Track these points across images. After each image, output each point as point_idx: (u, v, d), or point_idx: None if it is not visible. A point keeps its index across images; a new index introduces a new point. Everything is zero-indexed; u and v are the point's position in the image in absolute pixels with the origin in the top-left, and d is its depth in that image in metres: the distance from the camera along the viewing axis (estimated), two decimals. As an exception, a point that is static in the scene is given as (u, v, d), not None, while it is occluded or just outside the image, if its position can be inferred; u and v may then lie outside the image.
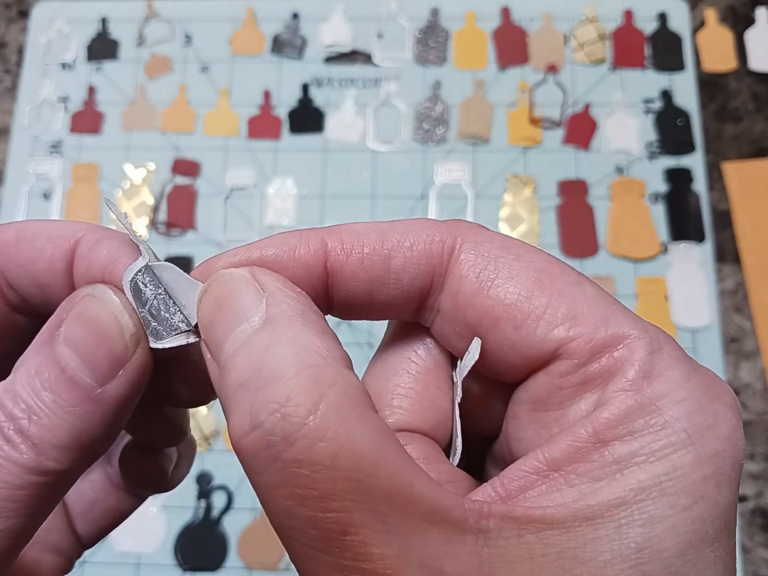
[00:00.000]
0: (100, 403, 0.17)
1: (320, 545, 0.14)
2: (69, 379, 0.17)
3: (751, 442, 0.54)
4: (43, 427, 0.17)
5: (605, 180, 0.59)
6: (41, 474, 0.17)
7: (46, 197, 0.61)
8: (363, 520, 0.14)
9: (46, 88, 0.63)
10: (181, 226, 0.59)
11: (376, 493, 0.14)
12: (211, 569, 0.52)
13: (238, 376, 0.15)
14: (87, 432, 0.17)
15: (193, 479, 0.53)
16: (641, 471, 0.15)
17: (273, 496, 0.15)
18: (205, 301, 0.17)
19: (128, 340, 0.18)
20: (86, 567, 0.52)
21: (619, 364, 0.17)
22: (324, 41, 0.64)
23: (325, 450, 0.14)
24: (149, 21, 0.65)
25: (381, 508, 0.14)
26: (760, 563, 0.51)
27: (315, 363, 0.15)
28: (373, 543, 0.14)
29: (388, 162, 0.60)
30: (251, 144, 0.61)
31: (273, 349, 0.15)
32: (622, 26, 0.63)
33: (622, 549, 0.15)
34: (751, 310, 0.56)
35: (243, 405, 0.15)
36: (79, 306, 0.18)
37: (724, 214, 0.59)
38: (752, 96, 0.62)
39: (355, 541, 0.14)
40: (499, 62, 0.63)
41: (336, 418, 0.14)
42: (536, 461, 0.16)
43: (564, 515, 0.15)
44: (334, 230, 0.19)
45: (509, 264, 0.18)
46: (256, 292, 0.17)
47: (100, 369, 0.17)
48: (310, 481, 0.14)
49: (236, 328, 0.16)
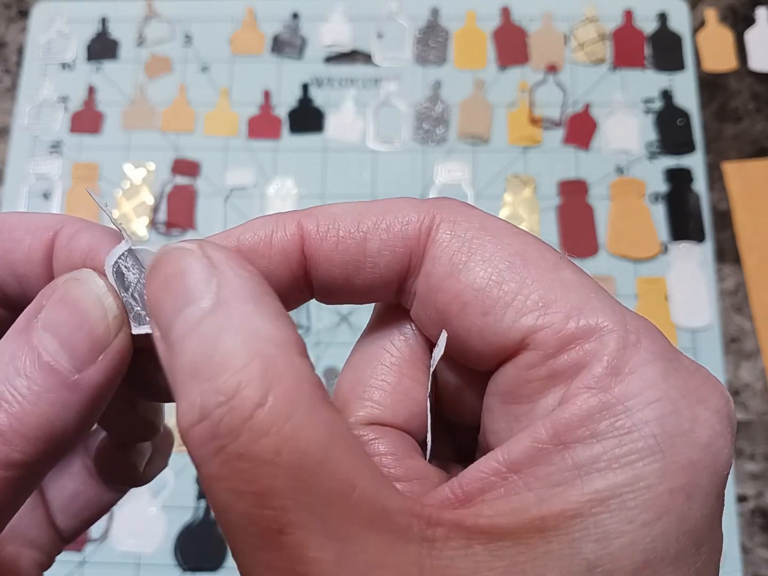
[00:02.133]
0: (77, 390, 0.17)
1: (256, 542, 0.14)
2: (45, 364, 0.16)
3: (751, 442, 0.54)
4: (13, 416, 0.16)
5: (605, 180, 0.59)
6: (7, 468, 0.16)
7: (46, 197, 0.60)
8: (301, 520, 0.13)
9: (46, 88, 0.63)
10: (181, 226, 0.59)
11: (316, 494, 0.14)
12: (211, 569, 0.52)
13: (188, 363, 0.15)
14: (59, 421, 0.16)
15: (193, 479, 0.53)
16: (601, 478, 0.14)
17: (214, 489, 0.14)
18: (153, 277, 0.16)
19: (111, 323, 0.17)
20: (86, 567, 0.52)
21: (588, 357, 0.15)
22: (324, 41, 0.64)
23: (267, 445, 0.14)
24: (149, 21, 0.65)
25: (320, 509, 0.14)
26: (761, 563, 0.51)
27: (267, 352, 0.14)
28: (309, 545, 0.13)
29: (388, 162, 0.60)
30: (251, 144, 0.61)
31: (224, 335, 0.15)
32: (622, 26, 0.63)
33: (572, 566, 0.14)
34: (752, 310, 0.56)
35: (192, 394, 0.14)
36: (61, 290, 0.17)
37: (725, 214, 0.59)
38: (752, 96, 0.62)
39: (291, 542, 0.13)
40: (499, 62, 0.63)
41: (283, 412, 0.14)
42: (495, 462, 0.15)
43: (516, 525, 0.14)
44: (311, 212, 0.18)
45: (483, 246, 0.17)
46: (206, 269, 0.16)
47: (78, 353, 0.17)
48: (251, 476, 0.14)
49: (185, 309, 0.15)
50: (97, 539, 0.52)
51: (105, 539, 0.52)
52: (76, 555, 0.52)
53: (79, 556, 0.52)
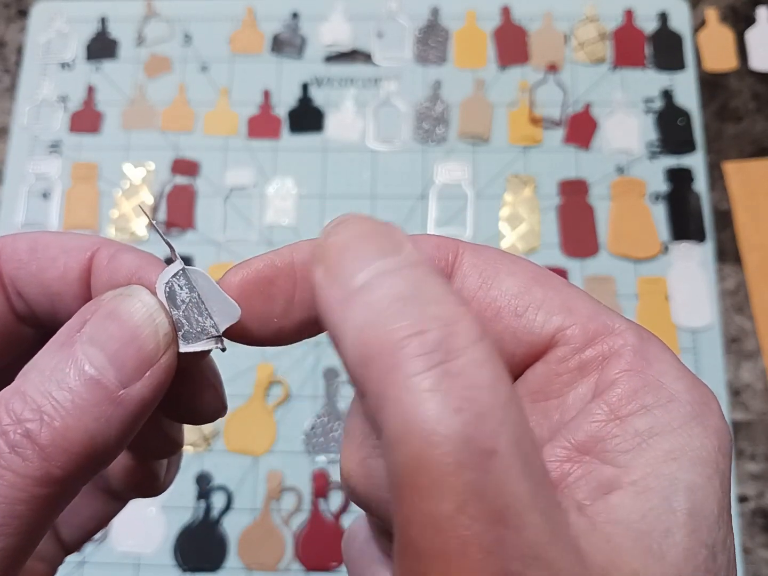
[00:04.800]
0: (121, 405, 0.16)
1: (467, 460, 0.13)
2: (91, 378, 0.16)
3: (751, 442, 0.54)
4: (56, 431, 0.16)
5: (606, 180, 0.59)
6: (47, 485, 0.16)
7: (45, 197, 0.60)
8: (508, 450, 0.14)
9: (46, 87, 0.63)
10: (180, 225, 0.59)
11: (518, 432, 0.14)
12: (211, 570, 0.52)
13: (392, 292, 0.14)
14: (101, 437, 0.16)
15: (193, 480, 0.53)
16: (664, 440, 0.16)
17: (422, 400, 0.14)
18: (342, 228, 0.16)
19: (161, 340, 0.17)
20: (86, 567, 0.52)
21: (614, 349, 0.18)
22: (324, 40, 0.63)
23: (488, 372, 0.14)
24: (149, 20, 0.65)
25: (520, 445, 0.14)
26: (761, 564, 0.51)
27: (468, 309, 0.15)
28: (513, 473, 0.14)
29: (388, 162, 0.60)
30: (251, 143, 0.61)
31: (429, 284, 0.15)
32: (623, 26, 0.63)
33: (677, 517, 0.15)
34: (752, 310, 0.56)
35: (405, 313, 0.14)
36: (110, 305, 0.17)
37: (725, 214, 0.59)
38: (753, 95, 0.62)
39: (500, 466, 0.14)
40: (500, 62, 0.63)
41: (494, 354, 0.14)
42: (563, 448, 0.17)
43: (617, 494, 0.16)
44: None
45: (507, 265, 0.19)
46: (399, 238, 0.16)
47: (126, 369, 0.17)
48: (471, 395, 0.14)
49: (383, 258, 0.15)
50: (97, 540, 0.52)
51: (104, 540, 0.52)
52: (76, 555, 0.52)
53: (79, 557, 0.52)
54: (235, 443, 0.54)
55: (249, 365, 0.55)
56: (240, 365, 0.55)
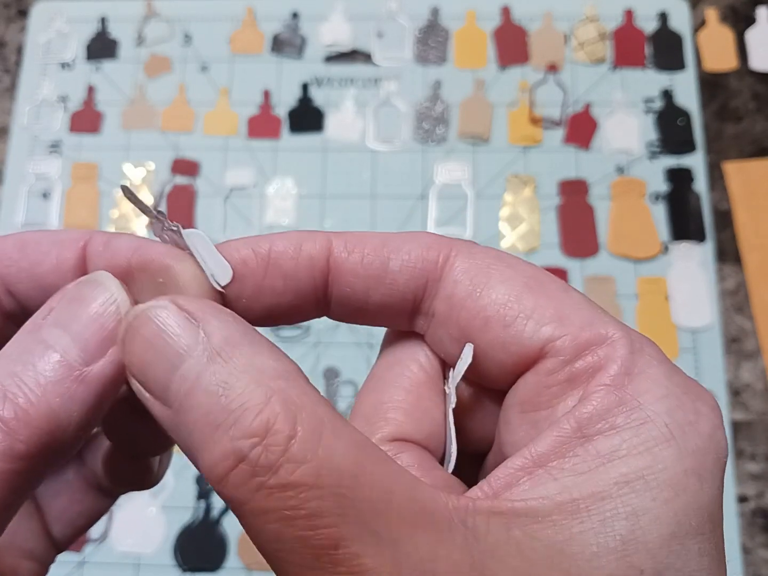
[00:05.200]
0: (84, 382, 0.17)
1: (313, 563, 0.14)
2: (54, 356, 0.17)
3: (751, 442, 0.54)
4: (19, 406, 0.16)
5: (606, 180, 0.59)
6: (10, 460, 0.16)
7: (45, 197, 0.60)
8: (352, 533, 0.14)
9: (46, 87, 0.63)
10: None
11: (360, 506, 0.15)
12: (211, 570, 0.52)
13: (202, 417, 0.15)
14: (65, 413, 0.17)
15: (193, 480, 0.53)
16: (623, 464, 0.16)
17: (261, 522, 0.15)
18: (131, 341, 0.17)
19: (123, 319, 0.18)
20: (86, 567, 0.52)
21: (602, 361, 0.17)
22: (324, 40, 0.63)
23: (307, 471, 0.14)
24: (149, 20, 0.65)
25: (367, 519, 0.15)
26: (761, 564, 0.51)
27: (279, 387, 0.15)
28: (365, 554, 0.14)
29: (388, 162, 0.60)
30: (251, 143, 0.61)
31: (231, 381, 0.15)
32: (623, 26, 0.63)
33: (608, 542, 0.15)
34: (752, 310, 0.56)
35: (221, 443, 0.15)
36: (74, 290, 0.18)
37: (725, 214, 0.59)
38: (753, 95, 0.62)
39: (348, 554, 0.14)
40: (500, 62, 0.63)
41: (312, 438, 0.15)
42: (523, 458, 0.17)
43: (549, 508, 0.16)
44: (341, 233, 0.20)
45: (500, 270, 0.19)
46: (188, 322, 0.16)
47: (88, 347, 0.17)
48: (297, 502, 0.14)
49: (181, 366, 0.16)
50: (97, 540, 0.52)
51: (104, 540, 0.52)
52: (76, 555, 0.52)
53: (79, 557, 0.52)
54: (235, 443, 0.54)
55: (249, 365, 0.55)
56: (240, 365, 0.55)
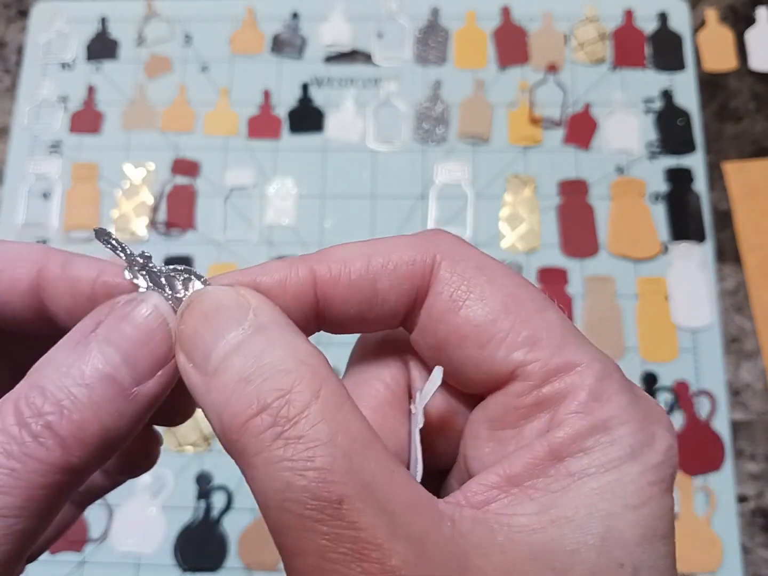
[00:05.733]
0: (133, 402, 0.18)
1: (317, 515, 0.16)
2: (107, 376, 0.17)
3: (751, 442, 0.54)
4: (74, 423, 0.17)
5: (605, 180, 0.59)
6: (65, 472, 0.17)
7: (45, 197, 0.60)
8: (357, 493, 0.16)
9: (46, 87, 0.63)
10: (180, 225, 0.59)
11: (366, 473, 0.16)
12: (211, 569, 0.52)
13: (237, 374, 0.17)
14: (114, 430, 0.17)
15: (193, 479, 0.53)
16: (593, 480, 0.17)
17: (273, 470, 0.16)
18: (189, 314, 0.18)
19: (174, 342, 0.19)
20: (86, 567, 0.52)
21: (570, 388, 0.18)
22: (324, 41, 0.64)
23: (324, 429, 0.16)
24: (149, 21, 0.65)
25: (370, 487, 0.16)
26: (761, 563, 0.51)
27: (309, 361, 0.17)
28: (365, 513, 0.16)
29: (388, 162, 0.60)
30: (251, 144, 0.61)
31: (270, 350, 0.17)
32: (623, 26, 0.63)
33: (587, 539, 0.17)
34: (752, 310, 0.56)
35: (247, 394, 0.16)
36: (125, 308, 0.18)
37: (725, 214, 0.59)
38: (753, 96, 0.62)
39: (350, 511, 0.16)
40: (500, 62, 0.63)
41: (333, 405, 0.16)
42: (496, 476, 0.18)
43: (529, 522, 0.17)
44: (321, 259, 0.20)
45: (481, 286, 0.19)
46: (243, 303, 0.18)
47: (139, 368, 0.18)
48: (312, 454, 0.16)
49: (227, 335, 0.17)
50: (97, 539, 0.52)
51: (105, 539, 0.52)
52: (76, 555, 0.52)
53: (79, 557, 0.52)
54: (235, 443, 0.54)
55: (249, 365, 0.55)
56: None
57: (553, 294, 0.56)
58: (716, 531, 0.51)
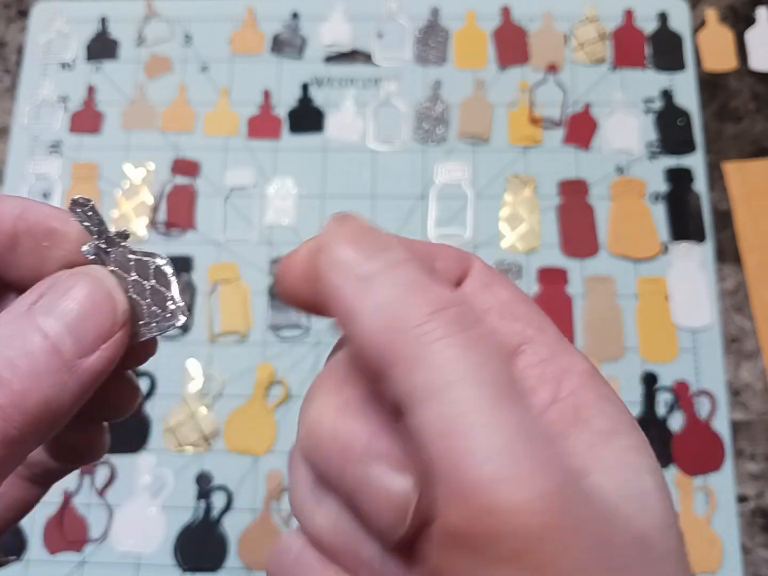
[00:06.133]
0: (76, 374, 0.17)
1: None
2: (50, 347, 0.17)
3: (751, 442, 0.54)
4: (14, 393, 0.16)
5: (605, 180, 0.59)
6: (4, 444, 0.16)
7: (45, 197, 0.60)
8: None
9: (46, 87, 0.63)
10: (180, 225, 0.59)
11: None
12: (211, 569, 0.52)
13: (402, 279, 0.16)
14: (56, 402, 0.17)
15: (193, 479, 0.53)
16: (623, 438, 0.18)
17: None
18: (342, 224, 0.17)
19: (119, 317, 0.18)
20: (86, 567, 0.52)
21: (573, 366, 0.19)
22: (324, 41, 0.64)
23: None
24: (149, 21, 0.65)
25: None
26: (761, 563, 0.51)
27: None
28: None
29: (388, 162, 0.60)
30: (251, 144, 0.61)
31: (424, 275, 0.17)
32: (623, 26, 0.63)
33: (647, 486, 0.17)
34: (752, 310, 0.56)
35: (422, 295, 0.16)
36: (69, 281, 0.18)
37: (725, 214, 0.59)
38: (753, 96, 0.62)
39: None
40: (500, 62, 0.63)
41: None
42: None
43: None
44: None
45: (503, 279, 0.21)
46: (387, 234, 0.18)
47: (83, 340, 0.18)
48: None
49: (386, 251, 0.17)
50: (97, 539, 0.52)
51: (105, 539, 0.52)
52: (76, 555, 0.52)
53: (79, 557, 0.52)
54: (236, 443, 0.54)
55: (249, 365, 0.55)
56: (240, 365, 0.55)
57: (553, 294, 0.56)
58: (716, 531, 0.51)
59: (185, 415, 0.54)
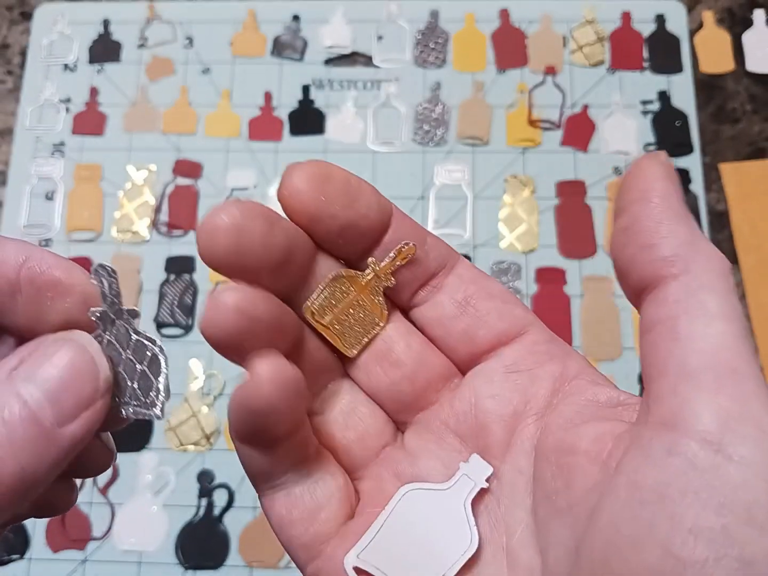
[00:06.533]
0: (55, 443, 0.17)
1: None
2: (29, 414, 0.17)
3: (748, 441, 0.54)
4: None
5: (603, 181, 0.59)
6: None
7: (48, 198, 0.61)
8: None
9: (48, 89, 0.64)
10: (182, 226, 0.60)
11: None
12: (213, 567, 0.52)
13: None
14: (32, 471, 0.17)
15: (195, 478, 0.54)
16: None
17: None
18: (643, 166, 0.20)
19: (101, 385, 0.18)
20: (88, 565, 0.52)
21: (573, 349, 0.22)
22: (324, 43, 0.64)
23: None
24: (151, 23, 0.65)
25: None
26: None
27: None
28: None
29: (388, 163, 0.61)
30: (252, 145, 0.62)
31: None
32: (620, 28, 0.64)
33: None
34: (749, 311, 0.57)
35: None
36: (52, 347, 0.18)
37: (722, 215, 0.59)
38: (750, 97, 0.62)
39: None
40: (498, 64, 0.63)
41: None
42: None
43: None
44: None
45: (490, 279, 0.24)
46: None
47: (63, 409, 0.17)
48: None
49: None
50: (99, 538, 0.53)
51: (107, 538, 0.53)
52: (78, 553, 0.52)
53: (81, 555, 0.52)
54: (237, 442, 0.54)
55: (250, 365, 0.56)
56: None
57: (551, 294, 0.57)
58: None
59: (187, 415, 0.55)
